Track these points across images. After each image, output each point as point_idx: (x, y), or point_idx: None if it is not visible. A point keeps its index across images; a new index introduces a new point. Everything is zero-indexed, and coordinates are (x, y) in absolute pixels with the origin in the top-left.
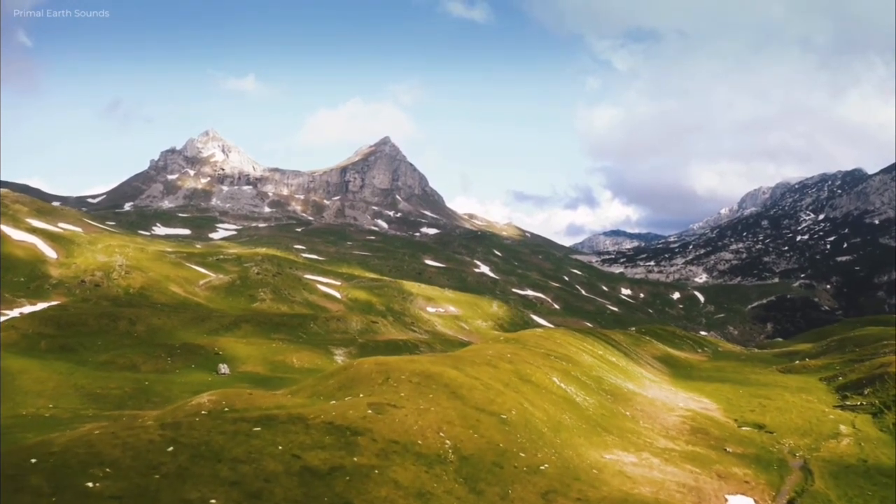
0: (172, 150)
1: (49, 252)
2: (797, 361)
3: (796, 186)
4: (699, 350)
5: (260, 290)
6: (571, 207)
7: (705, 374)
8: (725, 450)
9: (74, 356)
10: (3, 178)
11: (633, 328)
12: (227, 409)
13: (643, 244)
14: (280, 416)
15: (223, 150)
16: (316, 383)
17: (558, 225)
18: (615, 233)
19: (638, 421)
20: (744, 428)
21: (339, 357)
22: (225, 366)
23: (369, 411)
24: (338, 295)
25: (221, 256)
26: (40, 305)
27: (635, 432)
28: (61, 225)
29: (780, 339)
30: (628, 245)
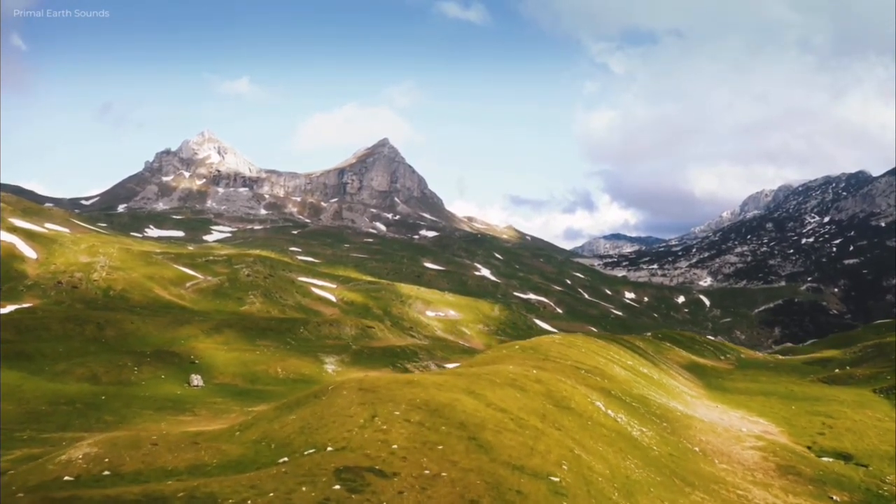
0: (167, 152)
1: (28, 252)
2: (837, 370)
3: (799, 189)
4: (722, 357)
5: (249, 292)
6: (569, 211)
7: (741, 385)
8: (832, 498)
9: (30, 364)
10: (2, 181)
11: (650, 333)
12: (106, 472)
13: (644, 248)
14: None
15: (219, 152)
16: (272, 418)
17: (556, 229)
18: (615, 236)
19: (713, 460)
20: (825, 459)
21: (330, 366)
22: (198, 377)
23: (337, 486)
24: (333, 298)
25: (211, 258)
26: (9, 308)
27: (720, 480)
28: (47, 225)
29: (789, 344)
30: (629, 249)
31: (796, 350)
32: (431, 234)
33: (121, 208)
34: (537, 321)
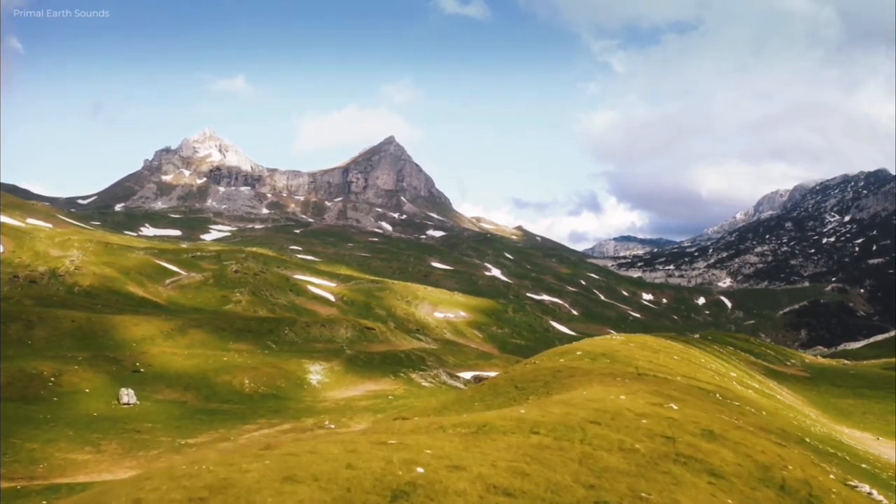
0: (167, 150)
1: None
2: None
3: (817, 188)
4: (787, 363)
5: (236, 290)
6: (574, 214)
7: (851, 401)
8: None
9: None
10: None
11: (697, 335)
12: None
13: (656, 249)
14: None
15: (220, 150)
16: None
17: (561, 232)
18: (625, 238)
19: None
20: None
21: (315, 376)
22: (129, 392)
23: None
24: (331, 297)
25: (199, 254)
26: None
27: None
28: (29, 221)
29: (821, 348)
30: (640, 251)
31: (855, 354)
32: (439, 233)
33: (118, 207)
34: (553, 323)
